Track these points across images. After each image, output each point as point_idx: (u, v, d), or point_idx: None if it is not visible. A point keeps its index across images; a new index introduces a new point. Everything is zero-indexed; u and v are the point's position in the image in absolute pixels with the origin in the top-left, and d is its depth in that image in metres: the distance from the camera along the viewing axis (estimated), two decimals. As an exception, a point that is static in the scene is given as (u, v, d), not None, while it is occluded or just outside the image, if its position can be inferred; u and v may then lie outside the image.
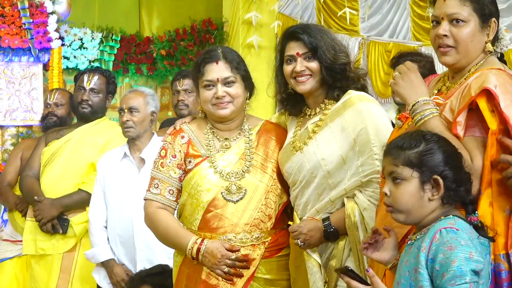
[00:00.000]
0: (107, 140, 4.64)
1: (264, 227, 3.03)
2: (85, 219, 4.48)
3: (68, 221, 4.51)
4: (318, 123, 2.98)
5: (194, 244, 2.95)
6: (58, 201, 4.52)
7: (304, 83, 2.96)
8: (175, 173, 3.09)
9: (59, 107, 5.06)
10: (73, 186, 4.58)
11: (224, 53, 3.07)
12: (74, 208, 4.54)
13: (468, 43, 2.48)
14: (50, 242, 4.54)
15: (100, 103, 4.74)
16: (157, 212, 3.07)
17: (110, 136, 4.67)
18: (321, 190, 2.93)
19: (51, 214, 4.48)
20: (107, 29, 7.51)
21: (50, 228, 4.49)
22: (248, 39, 7.30)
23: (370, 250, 2.39)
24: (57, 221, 4.49)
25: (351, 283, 2.31)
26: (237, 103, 3.06)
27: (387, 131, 2.84)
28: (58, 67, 6.83)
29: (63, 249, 4.53)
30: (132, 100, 4.27)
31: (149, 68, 7.70)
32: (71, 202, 4.54)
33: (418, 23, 7.87)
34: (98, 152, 4.59)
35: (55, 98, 5.08)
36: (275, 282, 3.06)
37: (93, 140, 4.66)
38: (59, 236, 4.53)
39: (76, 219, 4.52)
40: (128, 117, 4.21)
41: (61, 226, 4.49)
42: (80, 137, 4.69)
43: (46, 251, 4.54)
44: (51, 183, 4.61)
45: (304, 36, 2.94)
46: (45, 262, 4.57)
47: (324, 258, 2.94)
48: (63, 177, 4.60)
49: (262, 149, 3.12)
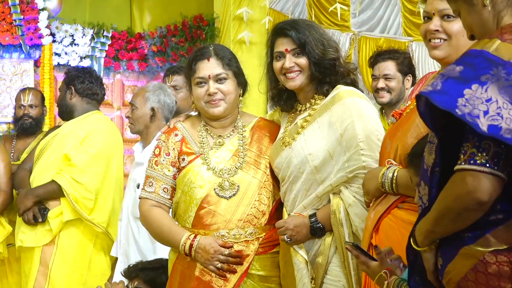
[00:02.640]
0: (88, 133, 4.68)
1: (257, 223, 3.04)
2: (60, 212, 4.54)
3: (48, 210, 4.55)
4: (307, 118, 2.99)
5: (187, 240, 2.96)
6: (32, 191, 4.58)
7: (294, 79, 2.97)
8: (169, 171, 3.10)
9: (33, 108, 5.18)
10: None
11: (216, 50, 3.08)
12: (47, 199, 4.58)
13: (459, 37, 2.49)
14: (30, 234, 4.57)
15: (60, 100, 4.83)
16: (151, 210, 3.07)
17: (90, 129, 4.70)
18: (308, 186, 2.93)
19: (25, 204, 4.53)
20: (98, 25, 7.49)
21: (30, 218, 4.52)
22: (239, 35, 7.29)
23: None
24: (37, 210, 4.52)
25: (360, 257, 2.34)
26: (229, 100, 3.06)
27: (374, 127, 2.86)
28: (49, 63, 6.84)
29: (42, 242, 4.56)
30: (134, 96, 4.38)
31: (140, 64, 7.70)
32: (44, 192, 4.58)
33: (409, 18, 7.88)
34: (77, 144, 4.63)
35: (30, 99, 5.17)
36: (269, 278, 3.06)
37: (75, 133, 4.70)
38: (38, 229, 4.56)
39: (52, 212, 4.55)
40: (128, 113, 4.34)
41: (41, 214, 4.51)
42: (66, 131, 4.74)
43: (24, 243, 4.57)
44: (39, 176, 4.66)
45: (292, 32, 2.95)
46: (29, 255, 4.61)
47: (311, 254, 2.94)
48: (47, 170, 4.65)
49: (256, 145, 3.13)
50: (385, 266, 2.25)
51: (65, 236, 4.56)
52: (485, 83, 1.77)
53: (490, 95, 1.76)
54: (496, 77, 1.78)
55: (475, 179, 1.77)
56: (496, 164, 1.76)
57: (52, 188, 4.56)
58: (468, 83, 1.79)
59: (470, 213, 1.80)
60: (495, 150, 1.77)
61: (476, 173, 1.77)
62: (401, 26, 7.96)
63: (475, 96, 1.76)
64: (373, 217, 2.64)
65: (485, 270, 1.84)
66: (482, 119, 1.73)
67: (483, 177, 1.76)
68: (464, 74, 1.82)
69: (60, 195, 4.53)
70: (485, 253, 1.84)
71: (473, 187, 1.77)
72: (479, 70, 1.80)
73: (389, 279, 2.20)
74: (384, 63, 4.40)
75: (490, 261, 1.84)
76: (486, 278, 1.84)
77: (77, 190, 4.50)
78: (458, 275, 1.88)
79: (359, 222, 2.83)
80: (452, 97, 1.78)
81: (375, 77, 4.44)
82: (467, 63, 1.84)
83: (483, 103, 1.75)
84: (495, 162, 1.76)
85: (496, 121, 1.73)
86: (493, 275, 1.83)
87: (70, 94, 4.75)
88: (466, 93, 1.77)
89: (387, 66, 4.39)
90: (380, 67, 4.41)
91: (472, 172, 1.77)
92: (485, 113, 1.74)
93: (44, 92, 6.67)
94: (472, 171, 1.77)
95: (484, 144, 1.77)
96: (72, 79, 4.78)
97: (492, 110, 1.74)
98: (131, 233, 4.15)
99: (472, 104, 1.75)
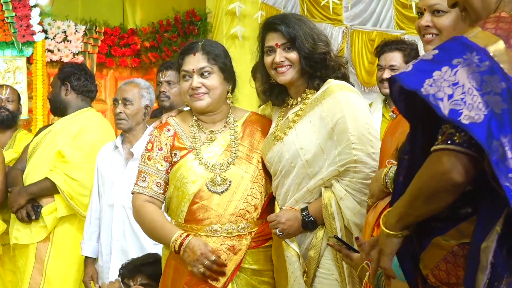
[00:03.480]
0: (80, 129, 4.66)
1: (250, 217, 3.05)
2: (54, 208, 4.54)
3: (41, 207, 4.55)
4: (298, 112, 2.99)
5: (179, 238, 2.95)
6: (25, 189, 4.57)
7: (284, 73, 2.97)
8: (162, 166, 3.10)
9: (10, 102, 5.17)
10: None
11: (204, 45, 3.08)
12: (41, 196, 4.57)
13: (450, 32, 2.48)
14: (25, 231, 4.57)
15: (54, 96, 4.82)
16: (144, 206, 3.07)
17: (83, 125, 4.68)
18: (300, 180, 2.94)
19: (18, 202, 4.53)
20: (91, 21, 7.50)
21: (24, 215, 4.52)
22: (232, 29, 7.30)
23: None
24: (30, 207, 4.53)
25: (342, 250, 2.36)
26: (213, 95, 3.06)
27: (365, 120, 2.86)
28: (42, 60, 6.82)
29: (37, 239, 4.56)
30: (127, 92, 4.27)
31: (133, 60, 7.70)
32: (37, 189, 4.57)
33: (401, 11, 7.90)
34: (70, 140, 4.62)
35: (7, 93, 5.19)
36: (262, 272, 3.07)
37: (67, 129, 4.69)
38: (33, 226, 4.56)
39: (46, 209, 4.55)
40: (121, 109, 4.22)
41: (34, 212, 4.52)
42: (59, 128, 4.74)
43: (19, 240, 4.57)
44: (31, 174, 4.65)
45: (282, 26, 2.95)
46: (24, 252, 4.60)
47: (303, 248, 2.95)
48: (40, 167, 4.64)
49: (248, 140, 3.13)
50: (367, 258, 2.26)
51: (59, 232, 4.56)
52: (456, 66, 1.75)
53: (458, 79, 1.74)
54: (467, 62, 1.75)
55: (450, 158, 1.74)
56: (473, 145, 1.73)
57: (45, 185, 4.56)
58: (438, 65, 1.77)
59: (444, 194, 1.78)
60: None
61: (453, 152, 1.75)
62: (394, 19, 7.98)
63: (443, 78, 1.74)
64: (374, 212, 2.66)
65: (454, 262, 1.86)
66: (446, 102, 1.72)
67: (459, 156, 1.74)
68: (437, 57, 1.80)
69: (54, 192, 4.53)
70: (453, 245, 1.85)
71: (449, 166, 1.74)
72: (453, 54, 1.78)
73: (371, 270, 2.21)
74: (391, 53, 4.34)
75: (458, 254, 1.85)
76: (455, 270, 1.86)
77: (72, 187, 4.50)
78: (431, 263, 1.90)
79: (350, 216, 2.84)
80: (419, 78, 1.77)
81: (381, 67, 4.39)
82: (443, 47, 1.84)
83: (450, 86, 1.73)
84: (473, 144, 1.73)
85: (458, 105, 1.71)
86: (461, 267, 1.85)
87: (65, 90, 4.74)
88: (434, 75, 1.76)
89: (394, 57, 4.33)
90: (387, 57, 4.35)
91: (448, 152, 1.75)
92: (449, 96, 1.72)
93: (37, 89, 6.68)
94: (449, 150, 1.75)
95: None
96: (68, 75, 4.77)
97: (457, 94, 1.72)
98: (129, 228, 4.14)
99: (438, 86, 1.74)
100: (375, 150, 2.81)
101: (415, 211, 1.88)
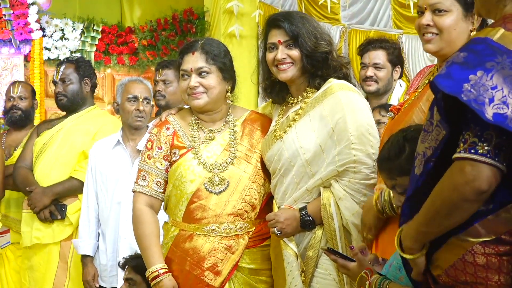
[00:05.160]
0: (98, 128, 4.65)
1: (248, 217, 3.05)
2: (79, 207, 4.49)
3: (66, 206, 4.52)
4: (298, 111, 2.99)
5: (159, 270, 2.97)
6: (50, 189, 4.52)
7: (286, 71, 2.97)
8: (161, 165, 3.10)
9: (23, 100, 5.07)
10: (66, 174, 4.58)
11: (203, 45, 3.07)
12: (66, 196, 4.55)
13: (451, 31, 2.49)
14: (47, 231, 4.54)
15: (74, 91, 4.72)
16: (143, 213, 3.07)
17: (101, 124, 4.68)
18: (299, 179, 2.93)
19: (43, 202, 4.49)
20: (88, 19, 7.48)
21: (48, 215, 4.49)
22: (230, 28, 7.29)
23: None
24: (55, 207, 4.50)
25: (337, 260, 2.34)
26: (211, 94, 3.05)
27: (366, 121, 2.85)
28: (40, 58, 6.82)
29: (59, 238, 4.54)
30: (146, 90, 4.32)
31: (130, 59, 7.69)
32: (63, 189, 4.54)
33: (399, 11, 7.88)
34: (89, 140, 4.60)
35: (19, 91, 5.08)
36: (259, 271, 3.07)
37: (84, 128, 4.66)
38: (55, 225, 4.53)
39: (70, 208, 4.53)
40: (144, 107, 4.25)
41: (59, 211, 4.50)
42: (72, 126, 4.69)
43: (42, 240, 4.54)
44: (44, 172, 4.61)
45: (285, 23, 2.94)
46: (43, 252, 4.57)
47: (302, 247, 2.94)
48: (55, 166, 4.60)
49: (247, 139, 3.13)
50: (365, 266, 2.25)
51: None
52: (490, 70, 1.75)
53: (496, 83, 1.74)
54: (501, 65, 1.76)
55: (474, 168, 1.75)
56: (497, 155, 1.75)
57: (72, 184, 4.54)
58: (473, 69, 1.77)
59: (468, 205, 1.79)
60: (497, 141, 1.75)
61: (476, 163, 1.75)
62: (391, 18, 7.97)
63: (481, 82, 1.74)
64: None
65: (473, 260, 1.85)
66: (488, 106, 1.71)
67: (483, 166, 1.75)
68: (468, 60, 1.80)
69: (79, 191, 4.50)
70: (473, 244, 1.85)
71: (473, 176, 1.75)
72: (484, 57, 1.78)
73: (370, 279, 2.19)
74: (375, 52, 4.34)
75: (478, 252, 1.84)
76: (474, 269, 1.85)
77: None
78: (446, 263, 1.89)
79: (349, 216, 2.83)
80: (457, 81, 1.76)
81: (364, 65, 4.38)
82: (471, 49, 1.83)
83: (489, 90, 1.73)
84: (496, 154, 1.75)
85: (502, 109, 1.71)
86: (481, 266, 1.84)
87: (86, 86, 4.73)
88: (471, 79, 1.75)
89: (378, 55, 4.33)
90: (371, 55, 4.35)
91: (471, 162, 1.75)
92: (490, 100, 1.72)
93: (34, 87, 6.65)
94: (472, 160, 1.75)
95: (487, 134, 1.76)
96: (89, 73, 4.77)
97: (497, 98, 1.72)
98: None
99: (477, 91, 1.73)
100: (375, 150, 2.80)
101: (434, 228, 1.87)
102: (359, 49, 4.51)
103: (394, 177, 2.24)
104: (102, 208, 4.30)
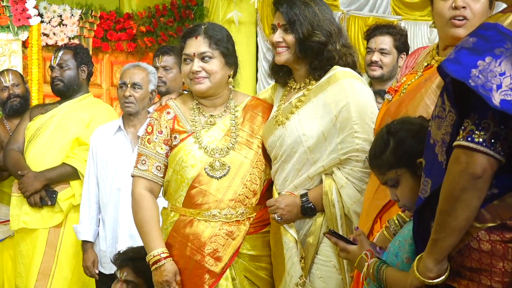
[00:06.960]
0: (93, 116, 4.63)
1: (249, 202, 3.04)
2: (71, 195, 4.50)
3: (56, 193, 4.51)
4: (301, 98, 2.97)
5: (160, 254, 2.97)
6: (42, 174, 4.51)
7: (280, 54, 2.95)
8: (161, 149, 3.09)
9: (18, 87, 5.06)
10: (59, 160, 4.56)
11: (206, 29, 3.05)
12: (58, 182, 4.53)
13: (481, 19, 2.40)
14: (35, 216, 4.53)
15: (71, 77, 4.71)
16: (143, 197, 3.06)
17: (96, 112, 4.66)
18: (300, 166, 2.92)
19: (34, 187, 4.48)
20: (87, 5, 7.45)
21: (38, 200, 4.48)
22: (228, 14, 7.28)
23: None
24: (45, 193, 4.50)
25: (338, 243, 2.35)
26: (213, 79, 3.04)
27: (370, 109, 2.83)
28: (38, 44, 6.80)
29: (49, 224, 4.52)
30: (136, 75, 4.24)
31: (129, 45, 7.67)
32: (55, 175, 4.53)
33: (398, -3, 7.89)
34: (83, 127, 4.59)
35: (11, 79, 5.07)
36: (260, 258, 3.07)
37: (78, 115, 4.64)
38: (45, 211, 4.52)
39: (61, 195, 4.52)
40: (130, 92, 4.18)
41: (49, 197, 4.50)
42: (66, 112, 4.67)
43: (29, 224, 4.53)
44: (37, 157, 4.59)
45: (285, 7, 2.92)
46: (31, 237, 4.56)
47: (302, 234, 2.93)
48: (48, 151, 4.59)
49: (248, 125, 3.12)
50: (365, 249, 2.25)
51: (73, 218, 4.50)
52: (499, 56, 1.75)
53: (504, 69, 1.73)
54: (510, 52, 1.75)
55: (468, 156, 1.76)
56: (492, 144, 1.75)
57: (65, 171, 4.52)
58: (481, 55, 1.76)
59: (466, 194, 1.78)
60: (494, 130, 1.76)
61: (470, 151, 1.76)
62: (390, 5, 7.97)
63: (489, 68, 1.73)
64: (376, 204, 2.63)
65: (478, 247, 1.86)
66: (495, 93, 1.71)
67: (477, 155, 1.75)
68: (477, 45, 1.79)
69: (72, 178, 4.50)
70: (479, 230, 1.85)
71: (466, 163, 1.75)
72: (493, 43, 1.77)
73: (370, 261, 2.20)
74: (382, 37, 4.33)
75: (483, 239, 1.85)
76: (479, 255, 1.86)
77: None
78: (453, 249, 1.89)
79: (351, 204, 2.83)
80: (465, 67, 1.76)
81: (370, 50, 4.37)
82: (480, 35, 1.82)
83: (497, 76, 1.72)
84: (492, 143, 1.75)
85: (509, 96, 1.71)
86: (485, 253, 1.84)
87: (83, 73, 4.72)
88: (479, 64, 1.75)
89: (384, 40, 4.33)
90: (377, 40, 4.34)
91: (466, 150, 1.76)
92: (498, 87, 1.71)
93: (33, 73, 6.65)
94: (467, 148, 1.76)
95: (484, 123, 1.76)
96: (87, 60, 4.76)
97: (505, 84, 1.71)
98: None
99: (485, 76, 1.73)
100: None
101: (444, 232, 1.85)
102: (366, 34, 4.50)
103: (383, 173, 2.24)
104: (102, 195, 4.30)
